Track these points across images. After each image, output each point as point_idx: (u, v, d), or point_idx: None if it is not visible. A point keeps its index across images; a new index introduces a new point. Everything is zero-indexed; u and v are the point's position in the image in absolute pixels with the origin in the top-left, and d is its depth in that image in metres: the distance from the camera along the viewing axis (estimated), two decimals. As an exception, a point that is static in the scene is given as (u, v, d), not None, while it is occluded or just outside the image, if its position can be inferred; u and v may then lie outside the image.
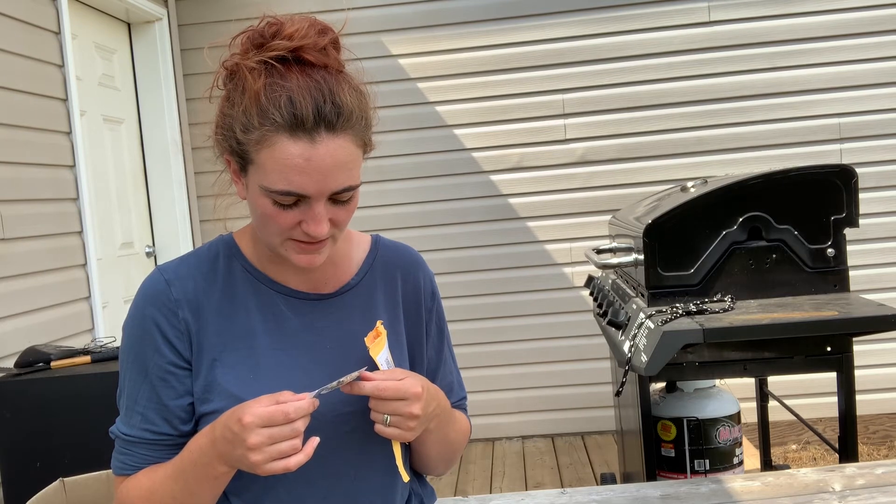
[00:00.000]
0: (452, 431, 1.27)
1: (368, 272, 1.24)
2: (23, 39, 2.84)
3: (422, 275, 1.29)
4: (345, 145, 1.04)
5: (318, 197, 1.04)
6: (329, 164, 1.02)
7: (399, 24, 4.15)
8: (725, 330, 1.76)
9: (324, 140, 1.02)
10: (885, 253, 4.03)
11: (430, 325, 1.29)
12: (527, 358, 4.22)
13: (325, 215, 1.05)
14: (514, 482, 3.71)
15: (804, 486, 1.53)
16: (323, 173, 1.02)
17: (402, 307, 1.26)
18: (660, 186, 3.69)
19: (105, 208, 3.50)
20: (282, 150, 1.01)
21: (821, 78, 4.03)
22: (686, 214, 2.01)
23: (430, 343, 1.29)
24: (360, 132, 1.07)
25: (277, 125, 1.01)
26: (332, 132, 1.02)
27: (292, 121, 1.01)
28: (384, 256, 1.27)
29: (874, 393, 3.98)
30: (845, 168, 2.01)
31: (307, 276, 1.19)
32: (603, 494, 1.60)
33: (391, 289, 1.25)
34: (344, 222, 1.10)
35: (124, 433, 1.14)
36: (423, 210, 4.19)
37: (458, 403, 1.35)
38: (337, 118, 1.02)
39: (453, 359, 1.37)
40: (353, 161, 1.05)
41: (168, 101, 3.96)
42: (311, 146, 1.01)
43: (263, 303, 1.16)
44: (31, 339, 2.65)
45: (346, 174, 1.05)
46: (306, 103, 1.01)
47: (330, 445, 1.13)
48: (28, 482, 2.05)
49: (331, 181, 1.03)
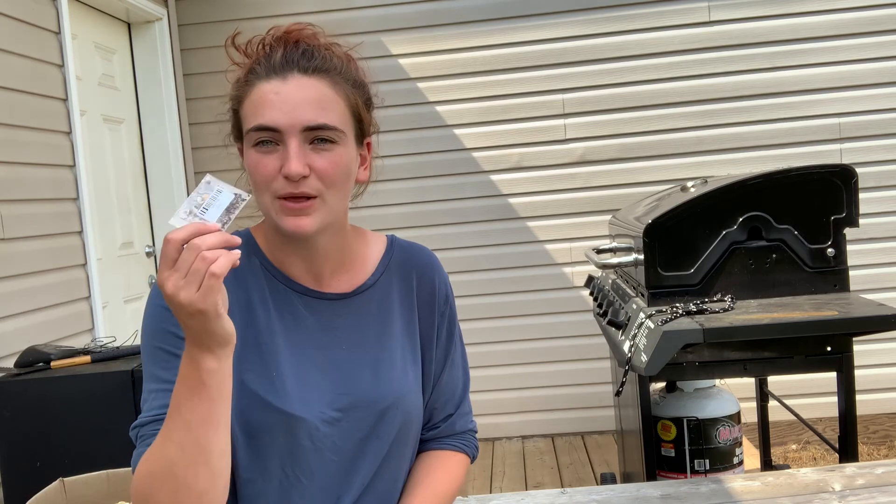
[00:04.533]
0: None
1: (384, 273, 1.24)
2: (23, 39, 2.84)
3: (437, 277, 1.28)
4: (317, 85, 1.08)
5: (290, 131, 1.06)
6: (298, 98, 1.06)
7: (399, 24, 4.15)
8: (725, 330, 1.76)
9: (295, 78, 1.08)
10: (885, 253, 4.03)
11: (441, 329, 1.28)
12: (527, 358, 4.22)
13: (299, 154, 1.06)
14: (514, 482, 3.71)
15: (804, 486, 1.53)
16: (291, 104, 1.06)
17: (416, 309, 1.25)
18: (660, 186, 3.68)
19: (105, 208, 3.50)
20: (257, 92, 1.08)
21: (821, 78, 4.03)
22: (686, 214, 2.01)
23: (438, 346, 1.28)
24: (342, 84, 1.10)
25: (257, 75, 1.09)
26: (304, 73, 1.08)
27: (268, 67, 1.09)
28: (400, 257, 1.26)
29: (874, 393, 3.97)
30: (845, 168, 2.01)
31: (322, 275, 1.18)
32: (603, 494, 1.60)
33: (407, 290, 1.25)
34: (328, 174, 1.08)
35: (153, 414, 1.06)
36: (423, 210, 4.19)
37: (461, 439, 1.32)
38: (309, 61, 1.08)
39: (464, 368, 1.34)
40: (327, 101, 1.08)
41: (168, 101, 3.95)
42: (281, 83, 1.07)
43: (280, 300, 1.16)
44: (31, 339, 2.65)
45: (319, 111, 1.07)
46: (280, 52, 1.10)
47: (346, 450, 1.13)
48: (28, 482, 2.05)
49: (301, 112, 1.06)
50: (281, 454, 1.11)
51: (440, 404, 1.30)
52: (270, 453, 1.11)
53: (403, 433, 1.21)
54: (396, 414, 1.18)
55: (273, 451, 1.11)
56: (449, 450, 1.31)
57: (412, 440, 1.25)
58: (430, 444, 1.31)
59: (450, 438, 1.32)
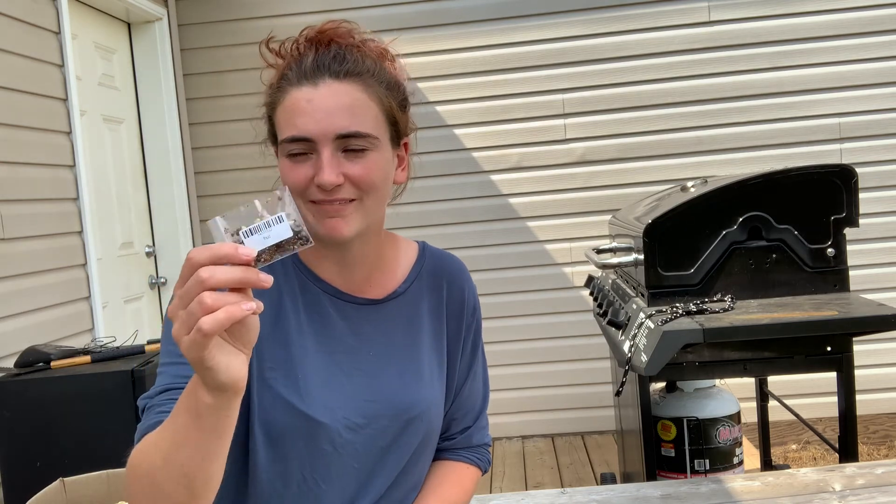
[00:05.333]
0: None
1: (416, 280, 1.22)
2: (23, 39, 2.84)
3: (467, 288, 1.27)
4: (350, 90, 1.05)
5: (322, 140, 1.03)
6: (331, 104, 1.03)
7: (399, 24, 4.15)
8: (725, 330, 1.76)
9: (327, 83, 1.04)
10: (885, 253, 4.03)
11: (468, 341, 1.27)
12: (527, 358, 4.22)
13: (333, 163, 1.03)
14: (514, 482, 3.71)
15: (804, 486, 1.53)
16: (324, 112, 1.03)
17: (445, 319, 1.23)
18: (660, 186, 3.68)
19: (105, 208, 3.50)
20: (289, 99, 1.05)
21: (821, 78, 4.03)
22: (686, 214, 2.01)
23: (463, 357, 1.27)
24: (375, 87, 1.07)
25: (289, 81, 1.06)
26: (335, 78, 1.05)
27: (299, 73, 1.05)
28: (431, 265, 1.25)
29: (874, 393, 3.97)
30: (845, 168, 2.01)
31: (353, 279, 1.16)
32: (603, 494, 1.60)
33: (436, 299, 1.23)
34: (362, 180, 1.05)
35: (166, 383, 1.01)
36: (423, 210, 4.19)
37: (476, 452, 1.32)
38: (341, 64, 1.05)
39: (485, 382, 1.33)
40: (360, 107, 1.05)
41: (168, 101, 3.95)
42: (313, 89, 1.04)
43: (310, 301, 1.13)
44: (31, 339, 2.65)
45: (352, 118, 1.04)
46: (312, 57, 1.06)
47: (367, 458, 1.12)
48: (28, 482, 2.05)
49: (334, 120, 1.03)
50: (301, 457, 1.10)
51: (459, 416, 1.30)
52: (291, 456, 1.10)
53: (424, 444, 1.20)
54: (420, 425, 1.17)
55: (293, 453, 1.09)
56: (463, 462, 1.31)
57: (430, 450, 1.25)
58: (444, 455, 1.30)
59: (465, 451, 1.31)
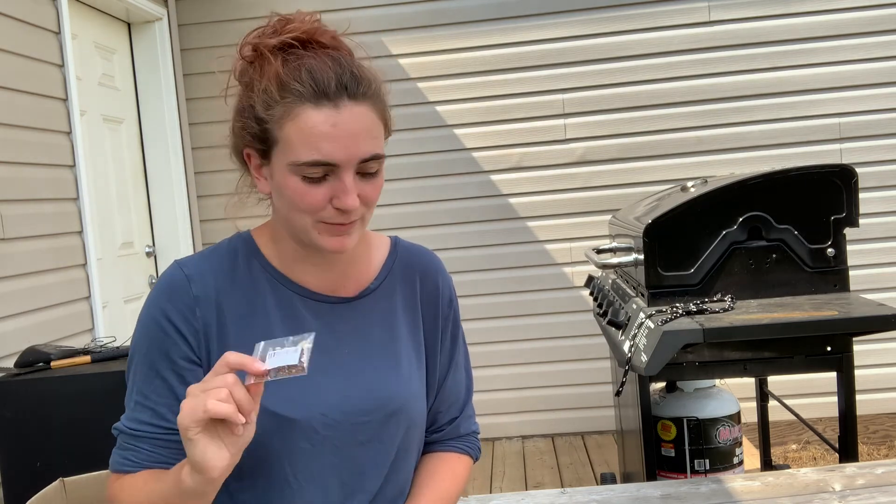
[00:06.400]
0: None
1: (388, 275, 1.22)
2: (23, 39, 2.84)
3: (441, 280, 1.27)
4: (368, 113, 1.04)
5: (346, 165, 1.02)
6: (356, 129, 1.02)
7: (399, 24, 4.15)
8: (725, 330, 1.76)
9: (347, 106, 1.02)
10: (885, 253, 4.03)
11: (446, 333, 1.27)
12: (527, 358, 4.22)
13: (355, 188, 1.04)
14: (514, 482, 3.71)
15: (804, 486, 1.53)
16: (351, 137, 1.02)
17: (420, 312, 1.24)
18: (660, 186, 3.68)
19: (105, 208, 3.50)
20: (307, 119, 1.01)
21: (821, 78, 4.03)
22: (686, 214, 2.01)
23: (443, 351, 1.27)
24: (380, 105, 1.07)
25: (300, 95, 1.01)
26: (354, 100, 1.03)
27: (315, 89, 1.01)
28: (403, 259, 1.25)
29: (874, 393, 3.97)
30: (845, 168, 2.01)
31: (326, 277, 1.16)
32: (603, 494, 1.60)
33: (410, 293, 1.23)
34: (372, 199, 1.07)
35: (131, 428, 1.09)
36: (423, 210, 4.19)
37: (465, 441, 1.32)
38: (357, 86, 1.03)
39: (467, 371, 1.33)
40: (376, 129, 1.05)
41: (168, 101, 3.95)
42: (335, 112, 1.01)
43: (282, 304, 1.14)
44: (31, 339, 2.65)
45: (372, 141, 1.04)
46: (327, 73, 1.02)
47: (348, 454, 1.13)
48: (28, 482, 2.05)
49: (360, 145, 1.02)
50: (280, 458, 1.10)
51: (445, 408, 1.30)
52: (271, 457, 1.10)
53: (408, 438, 1.20)
54: (401, 418, 1.17)
55: (273, 455, 1.10)
56: (453, 452, 1.31)
57: (416, 445, 1.25)
58: (434, 447, 1.30)
59: (454, 441, 1.31)
